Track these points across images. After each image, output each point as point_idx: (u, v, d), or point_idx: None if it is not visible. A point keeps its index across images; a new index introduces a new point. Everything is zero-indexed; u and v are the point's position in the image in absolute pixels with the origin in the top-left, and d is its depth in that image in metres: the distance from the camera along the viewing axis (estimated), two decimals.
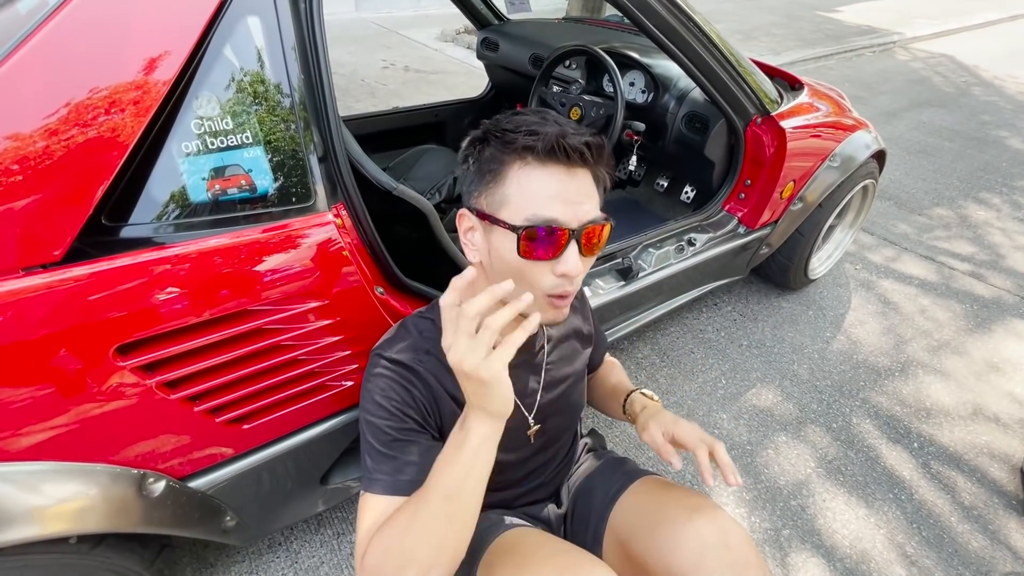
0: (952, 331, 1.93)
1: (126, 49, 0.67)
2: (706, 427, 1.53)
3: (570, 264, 0.64)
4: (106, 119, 0.65)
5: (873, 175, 1.91)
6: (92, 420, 0.71)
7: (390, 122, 2.21)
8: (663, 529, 0.76)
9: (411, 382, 0.73)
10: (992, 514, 1.34)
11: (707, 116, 1.58)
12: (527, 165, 0.63)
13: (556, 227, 0.62)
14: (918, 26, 6.57)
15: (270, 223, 0.78)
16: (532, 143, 0.62)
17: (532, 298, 0.58)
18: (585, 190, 0.65)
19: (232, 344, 0.79)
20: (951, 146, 3.49)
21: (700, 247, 1.57)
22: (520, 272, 0.66)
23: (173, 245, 0.71)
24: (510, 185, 0.64)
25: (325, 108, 0.82)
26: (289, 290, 0.80)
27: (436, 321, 0.79)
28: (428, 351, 0.76)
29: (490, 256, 0.69)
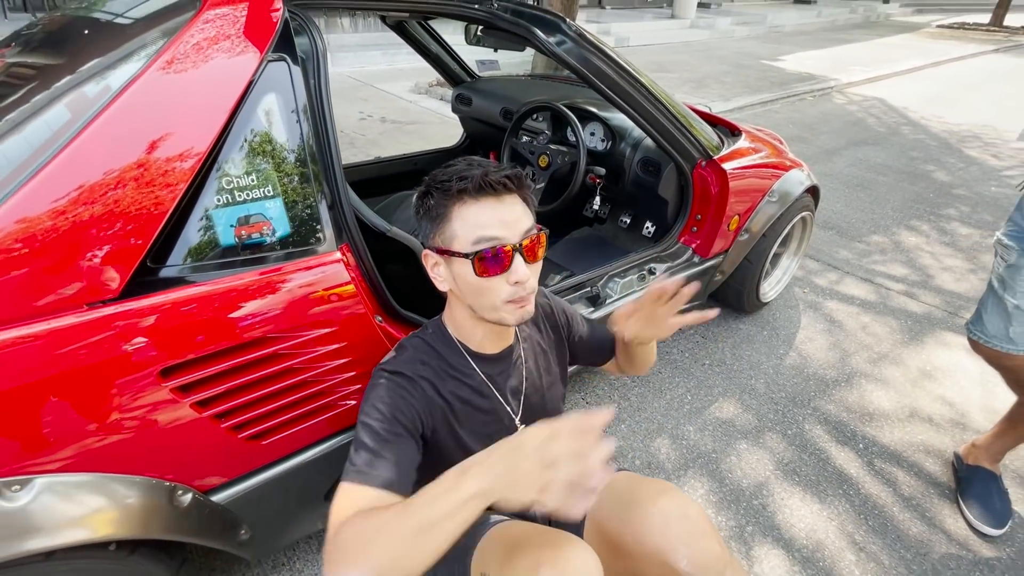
0: (890, 344, 2.14)
1: (172, 124, 0.82)
2: (674, 439, 1.67)
3: (519, 272, 0.79)
4: (157, 181, 0.79)
5: (809, 208, 2.15)
6: (135, 435, 0.81)
7: (372, 171, 2.38)
8: (634, 509, 0.88)
9: (407, 389, 0.84)
10: (928, 503, 1.50)
11: (658, 161, 1.79)
12: (464, 203, 0.79)
13: (500, 245, 0.77)
14: (852, 73, 7.20)
15: (287, 261, 0.92)
16: (464, 185, 0.78)
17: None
18: (517, 211, 0.81)
19: (254, 367, 0.91)
20: (885, 180, 3.85)
21: (660, 275, 1.75)
22: (481, 289, 0.81)
23: (207, 283, 0.85)
24: (455, 222, 0.80)
25: (332, 164, 0.98)
26: (303, 319, 0.94)
27: (425, 339, 0.93)
28: (423, 362, 0.89)
29: (456, 283, 0.84)
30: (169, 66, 0.82)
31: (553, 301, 1.11)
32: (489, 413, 0.94)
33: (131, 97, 0.79)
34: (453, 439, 0.91)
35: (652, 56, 7.72)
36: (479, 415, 0.93)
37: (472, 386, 0.92)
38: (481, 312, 0.85)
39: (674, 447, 1.64)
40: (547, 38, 1.38)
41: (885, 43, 10.33)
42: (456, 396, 0.90)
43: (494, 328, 0.90)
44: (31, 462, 0.74)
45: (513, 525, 0.92)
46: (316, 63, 0.99)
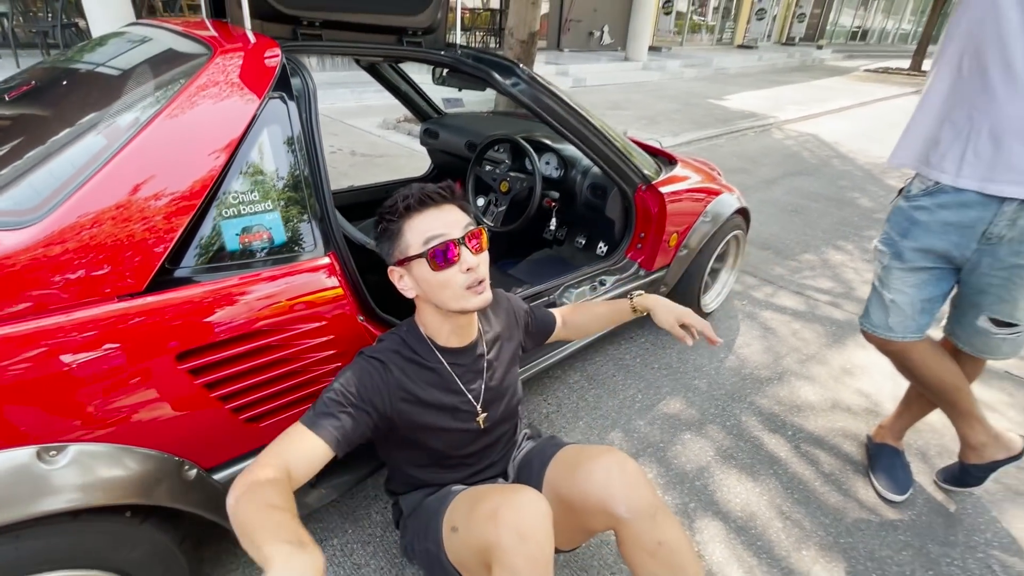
0: (816, 347, 2.41)
1: (190, 150, 0.98)
2: (626, 432, 1.85)
3: (468, 260, 0.97)
4: (177, 197, 0.95)
5: (740, 227, 2.42)
6: (154, 411, 0.94)
7: (347, 199, 2.55)
8: (580, 468, 1.05)
9: (377, 370, 1.00)
10: (845, 478, 1.72)
11: (605, 185, 2.03)
12: (411, 217, 0.98)
13: (446, 240, 0.95)
14: (789, 111, 7.85)
15: (284, 265, 1.08)
16: (408, 203, 0.97)
17: None
18: (455, 214, 0.99)
19: (255, 355, 1.05)
20: (816, 206, 4.24)
21: (610, 286, 1.97)
22: (441, 282, 0.98)
23: (217, 281, 1.00)
24: (407, 234, 0.98)
25: (321, 184, 1.16)
26: (297, 314, 1.09)
27: (401, 335, 1.09)
28: (398, 351, 1.05)
29: (420, 286, 1.01)
30: (188, 102, 0.99)
31: (511, 299, 1.30)
32: (454, 397, 1.09)
33: (156, 128, 0.95)
34: (420, 418, 1.05)
35: (608, 95, 8.24)
36: (445, 398, 1.08)
37: (439, 374, 1.08)
38: (447, 304, 1.00)
39: (626, 439, 1.82)
40: (504, 80, 1.61)
41: (819, 85, 11.26)
42: (425, 382, 1.06)
43: (459, 323, 1.07)
44: (65, 431, 0.86)
45: (475, 488, 1.07)
46: (308, 100, 1.18)
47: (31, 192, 0.87)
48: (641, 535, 0.99)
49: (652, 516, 0.99)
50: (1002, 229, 1.21)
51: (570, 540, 1.14)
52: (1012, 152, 1.13)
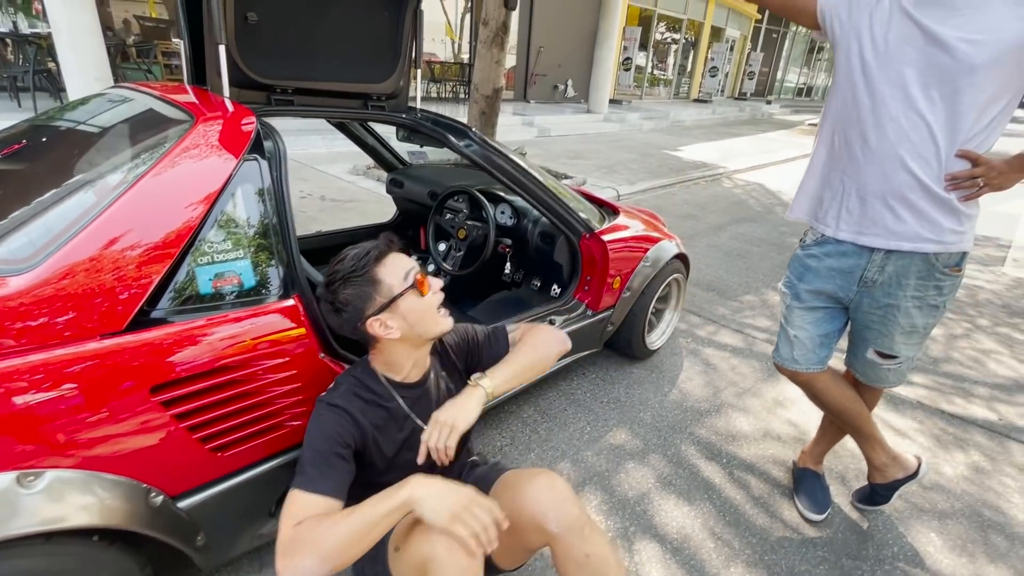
0: (752, 381, 2.61)
1: (172, 205, 1.12)
2: (574, 462, 1.98)
3: (435, 284, 1.15)
4: (157, 247, 1.08)
5: (680, 271, 2.65)
6: (127, 440, 1.04)
7: (314, 243, 2.68)
8: (516, 490, 1.16)
9: (343, 418, 1.12)
10: (772, 501, 1.88)
11: (552, 233, 2.23)
12: (381, 262, 1.12)
13: (418, 270, 1.14)
14: (738, 162, 8.42)
15: (253, 306, 1.21)
16: (375, 252, 1.12)
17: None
18: (407, 259, 1.16)
19: (224, 388, 1.16)
20: (759, 250, 4.57)
21: (559, 326, 2.13)
22: (427, 306, 1.14)
23: (190, 321, 1.11)
24: (384, 278, 1.11)
25: (287, 233, 1.30)
26: (263, 352, 1.21)
27: (356, 375, 1.21)
28: (355, 394, 1.17)
29: (407, 320, 1.14)
30: (171, 164, 1.13)
31: (455, 330, 1.40)
32: (408, 430, 1.21)
33: (142, 186, 1.09)
34: (379, 453, 1.18)
35: (571, 145, 8.69)
36: (400, 434, 1.20)
37: (394, 410, 1.19)
38: (430, 331, 1.15)
39: (574, 469, 1.95)
40: (457, 142, 1.80)
41: (766, 137, 12.10)
42: (383, 418, 1.18)
43: (424, 352, 1.21)
44: (44, 458, 0.95)
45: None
46: (278, 159, 1.33)
47: (27, 242, 0.99)
48: (571, 548, 1.10)
49: (580, 530, 1.11)
50: (874, 274, 1.43)
51: (513, 559, 1.25)
52: (874, 210, 1.37)
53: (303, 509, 0.97)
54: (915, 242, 1.35)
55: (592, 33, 11.78)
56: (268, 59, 1.59)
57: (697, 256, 4.26)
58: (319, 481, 1.02)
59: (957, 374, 2.80)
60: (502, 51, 5.04)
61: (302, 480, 1.02)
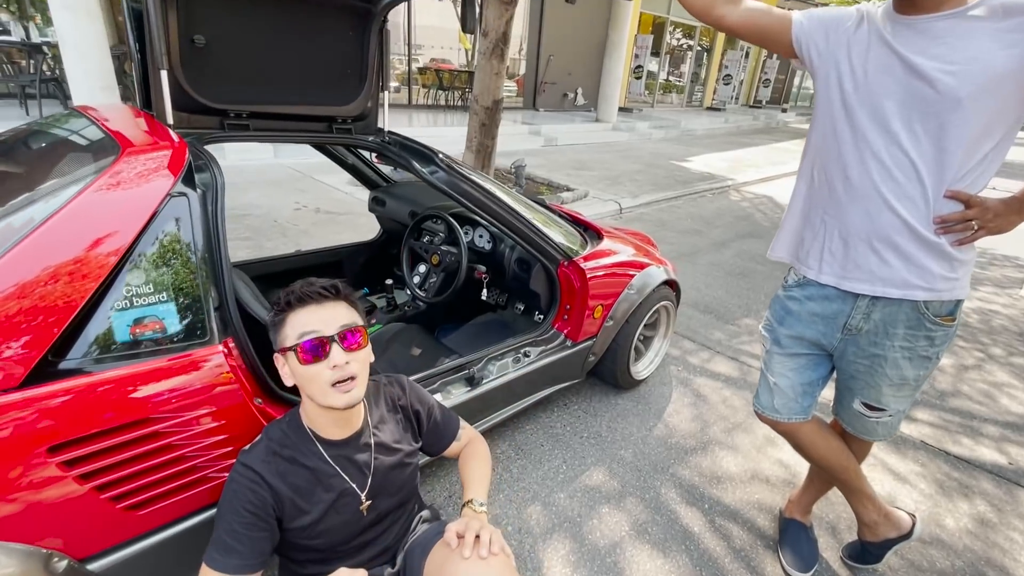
0: (744, 415, 2.48)
1: (84, 248, 1.04)
2: (545, 506, 1.87)
3: (336, 358, 1.02)
4: (65, 293, 1.00)
5: (669, 299, 2.53)
6: (20, 505, 0.96)
7: (294, 263, 2.62)
8: (446, 568, 1.02)
9: (257, 483, 1.03)
10: (754, 554, 1.75)
11: (528, 260, 2.13)
12: (293, 311, 1.05)
13: (318, 336, 1.02)
14: (747, 173, 8.25)
15: (176, 354, 1.13)
16: (289, 298, 1.05)
17: None
18: (336, 312, 1.06)
19: (136, 444, 1.08)
20: (763, 268, 4.42)
21: (534, 358, 2.03)
22: (309, 376, 1.03)
23: (101, 373, 1.03)
24: (287, 326, 1.05)
25: (221, 272, 1.22)
26: (185, 403, 1.12)
27: (283, 428, 1.12)
28: (275, 452, 1.08)
29: (294, 376, 1.07)
30: (87, 201, 1.06)
31: (410, 390, 1.31)
32: (336, 491, 1.11)
33: (52, 225, 1.01)
34: (303, 517, 1.08)
35: (577, 155, 8.59)
36: (327, 495, 1.10)
37: (318, 469, 1.10)
38: (315, 398, 1.05)
39: (544, 513, 1.84)
40: (422, 168, 1.72)
41: (779, 147, 11.88)
42: (304, 479, 1.08)
43: (335, 415, 1.10)
44: None
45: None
46: (215, 193, 1.26)
47: None
48: None
49: None
50: (859, 322, 1.31)
51: None
52: (858, 252, 1.25)
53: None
54: (903, 289, 1.23)
55: (602, 42, 11.68)
56: (219, 83, 1.52)
57: (697, 275, 4.13)
58: (226, 558, 0.99)
59: (965, 410, 2.64)
60: (502, 62, 4.96)
61: (210, 555, 1.00)
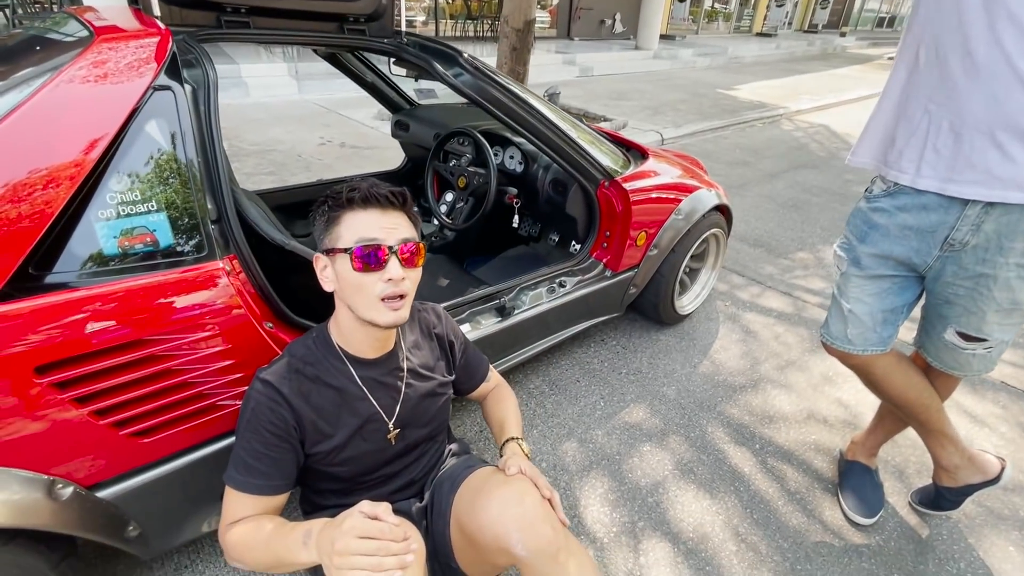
0: (798, 352, 2.28)
1: (59, 142, 0.91)
2: (581, 443, 1.76)
3: (393, 271, 0.90)
4: (38, 195, 0.88)
5: (719, 226, 2.29)
6: (12, 429, 0.88)
7: (315, 192, 2.48)
8: (478, 500, 0.95)
9: (276, 402, 0.93)
10: (811, 496, 1.61)
11: (565, 181, 1.92)
12: (352, 211, 0.92)
13: (377, 244, 0.89)
14: (801, 101, 7.58)
15: (172, 269, 1.01)
16: (353, 195, 0.92)
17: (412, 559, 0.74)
18: (398, 222, 0.94)
19: (134, 367, 0.98)
20: (818, 200, 4.06)
21: (570, 288, 1.86)
22: (359, 284, 0.91)
23: (89, 287, 0.93)
24: (342, 225, 0.92)
25: (218, 182, 1.07)
26: (184, 323, 1.02)
27: (308, 343, 1.02)
28: (298, 370, 0.98)
29: (338, 282, 0.95)
30: (54, 91, 0.91)
31: (445, 320, 1.21)
32: (363, 416, 1.01)
33: (19, 119, 0.88)
34: (326, 442, 0.98)
35: (613, 84, 8.04)
36: (352, 419, 1.00)
37: (346, 389, 1.00)
38: (358, 310, 0.94)
39: (581, 450, 1.73)
40: (445, 70, 1.51)
41: (837, 74, 10.88)
42: (329, 401, 0.98)
43: (373, 332, 1.00)
44: None
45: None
46: (207, 91, 1.10)
47: None
48: None
49: (554, 556, 0.90)
50: (965, 235, 1.08)
51: (482, 572, 1.06)
52: (973, 148, 1.01)
53: (235, 509, 0.92)
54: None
55: None
56: None
57: (746, 207, 3.82)
58: (247, 479, 0.92)
59: None
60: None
61: (231, 477, 0.93)
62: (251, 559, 0.87)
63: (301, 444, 0.97)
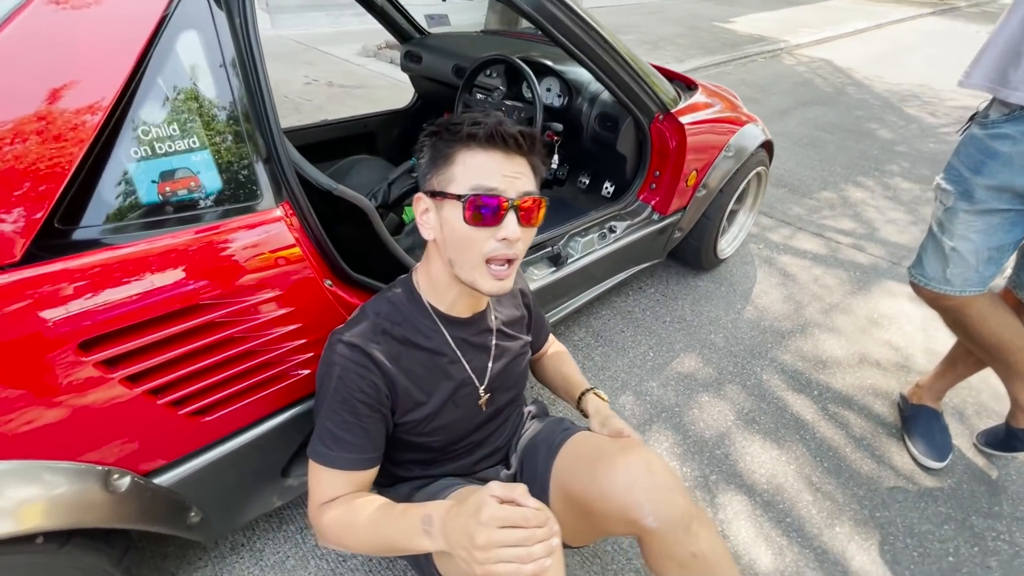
0: (840, 294, 2.22)
1: (72, 62, 0.71)
2: (638, 395, 1.68)
3: (509, 229, 0.76)
4: (55, 129, 0.69)
5: (764, 163, 2.16)
6: (57, 417, 0.73)
7: (320, 134, 2.25)
8: (598, 467, 0.86)
9: (365, 367, 0.81)
10: (877, 442, 1.57)
11: (616, 115, 1.75)
12: (471, 149, 0.76)
13: (496, 195, 0.74)
14: (801, 35, 7.30)
15: (220, 220, 0.84)
16: (475, 131, 0.75)
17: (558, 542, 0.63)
18: (521, 169, 0.79)
19: (191, 337, 0.83)
20: (832, 138, 3.94)
21: (620, 233, 1.73)
22: (467, 239, 0.77)
23: (128, 244, 0.76)
24: (457, 165, 0.77)
25: (266, 113, 0.89)
26: (243, 283, 0.86)
27: (392, 299, 0.88)
28: (384, 330, 0.85)
29: (442, 230, 0.80)
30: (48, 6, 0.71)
31: (521, 279, 1.10)
32: (456, 380, 0.91)
33: (22, 24, 0.68)
34: (420, 410, 0.88)
35: (606, 18, 7.56)
36: (446, 383, 0.90)
37: (438, 351, 0.89)
38: (459, 269, 0.81)
39: (638, 403, 1.66)
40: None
41: (832, 6, 10.51)
42: (421, 364, 0.88)
43: (468, 290, 0.86)
44: None
45: (470, 491, 0.90)
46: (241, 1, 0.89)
47: None
48: (672, 546, 0.83)
49: (686, 526, 0.82)
50: None
51: (582, 538, 0.98)
52: None
53: (325, 487, 0.82)
54: None
55: None
56: None
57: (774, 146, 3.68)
58: (337, 454, 0.81)
59: None
60: None
61: (319, 452, 0.81)
62: (355, 542, 0.78)
63: (392, 412, 0.86)
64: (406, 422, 0.88)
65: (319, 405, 0.84)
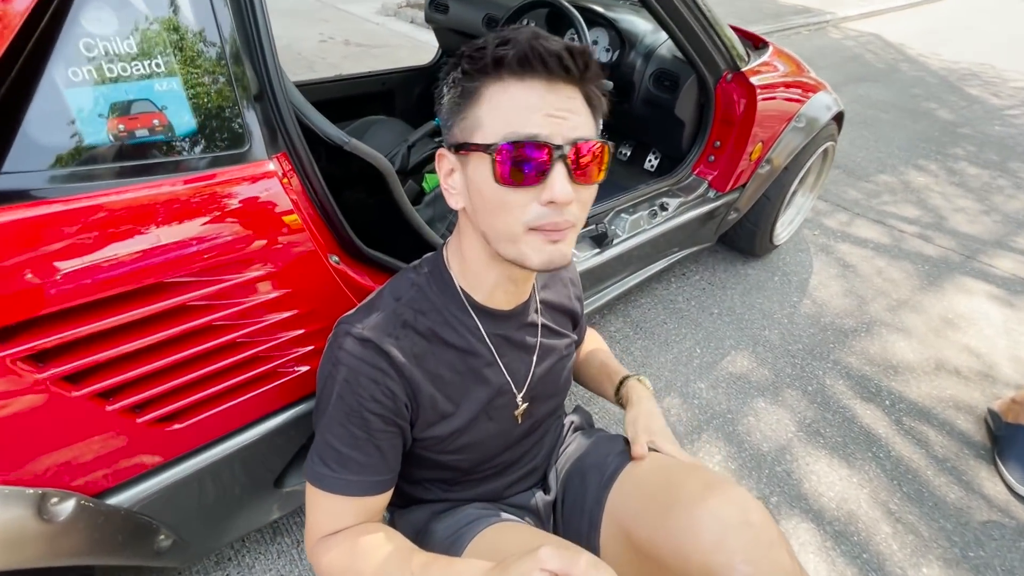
0: (908, 290, 1.98)
1: None
2: (684, 397, 1.48)
3: (556, 189, 0.53)
4: None
5: (833, 137, 1.91)
6: None
7: (332, 91, 2.02)
8: (675, 511, 0.66)
9: (380, 369, 0.61)
10: (964, 465, 1.36)
11: (677, 73, 1.50)
12: (502, 82, 0.54)
13: (537, 141, 0.52)
14: (848, 6, 6.83)
15: (193, 172, 0.63)
16: (502, 53, 0.52)
17: None
18: (573, 105, 0.55)
19: (151, 325, 0.64)
20: (887, 117, 3.62)
21: (672, 212, 1.51)
22: (501, 205, 0.56)
23: (64, 199, 0.56)
24: (483, 105, 0.55)
25: (259, 38, 0.68)
26: (222, 256, 0.66)
27: (417, 282, 0.68)
28: (406, 323, 0.65)
29: (470, 195, 0.59)
30: None
31: (571, 266, 0.90)
32: (493, 387, 0.71)
33: None
34: (448, 424, 0.69)
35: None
36: (480, 391, 0.70)
37: (472, 351, 0.69)
38: (497, 243, 0.59)
39: (685, 407, 1.45)
40: None
41: None
42: (450, 367, 0.68)
43: (511, 274, 0.65)
44: None
45: (507, 529, 0.71)
46: None
47: None
48: None
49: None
50: None
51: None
52: None
53: (326, 517, 0.64)
54: None
55: None
56: None
57: None
58: (342, 477, 0.62)
59: None
60: None
61: (318, 475, 0.63)
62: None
63: (411, 425, 0.67)
64: (427, 438, 0.69)
65: (320, 414, 0.64)
